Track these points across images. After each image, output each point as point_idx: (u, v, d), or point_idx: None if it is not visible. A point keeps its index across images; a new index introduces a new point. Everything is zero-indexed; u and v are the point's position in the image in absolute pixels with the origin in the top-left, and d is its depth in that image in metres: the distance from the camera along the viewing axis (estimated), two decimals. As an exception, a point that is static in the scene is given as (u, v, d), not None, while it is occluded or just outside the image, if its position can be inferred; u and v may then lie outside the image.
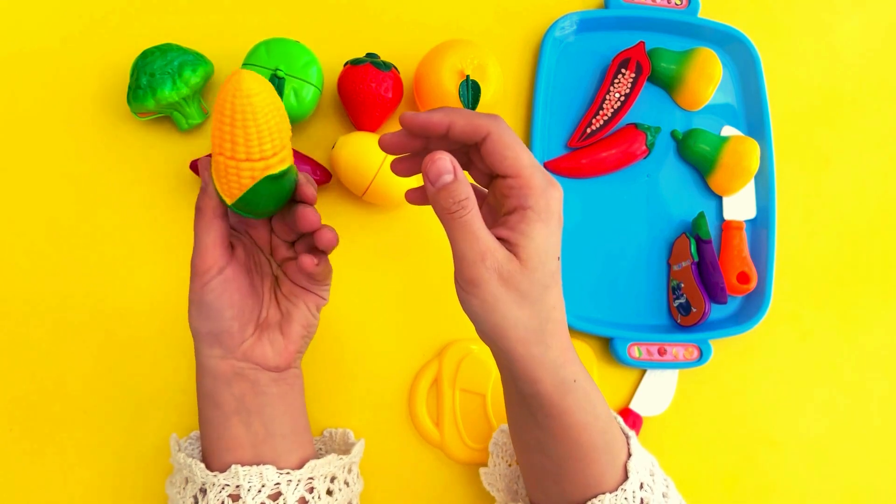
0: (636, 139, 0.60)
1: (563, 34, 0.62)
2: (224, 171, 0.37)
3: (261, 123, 0.36)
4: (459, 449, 0.55)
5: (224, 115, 0.36)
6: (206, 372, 0.41)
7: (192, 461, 0.42)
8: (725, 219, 0.61)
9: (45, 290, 0.55)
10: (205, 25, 0.60)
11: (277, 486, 0.41)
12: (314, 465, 0.42)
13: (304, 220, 0.40)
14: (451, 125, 0.37)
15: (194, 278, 0.40)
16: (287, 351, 0.43)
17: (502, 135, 0.36)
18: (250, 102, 0.35)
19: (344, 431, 0.52)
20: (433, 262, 0.59)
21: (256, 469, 0.40)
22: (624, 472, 0.41)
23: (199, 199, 0.40)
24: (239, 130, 0.36)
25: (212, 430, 0.42)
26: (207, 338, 0.41)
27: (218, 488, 0.40)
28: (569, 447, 0.40)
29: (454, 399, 0.56)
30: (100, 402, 0.54)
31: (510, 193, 0.36)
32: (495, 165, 0.37)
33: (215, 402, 0.41)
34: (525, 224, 0.36)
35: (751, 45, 0.63)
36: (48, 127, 0.58)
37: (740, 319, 0.60)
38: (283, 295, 0.44)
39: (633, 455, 0.42)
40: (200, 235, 0.40)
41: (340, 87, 0.56)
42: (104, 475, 0.53)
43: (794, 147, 0.65)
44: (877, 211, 0.65)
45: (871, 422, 0.61)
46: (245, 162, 0.37)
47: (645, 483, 0.42)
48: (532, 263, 0.36)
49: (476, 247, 0.35)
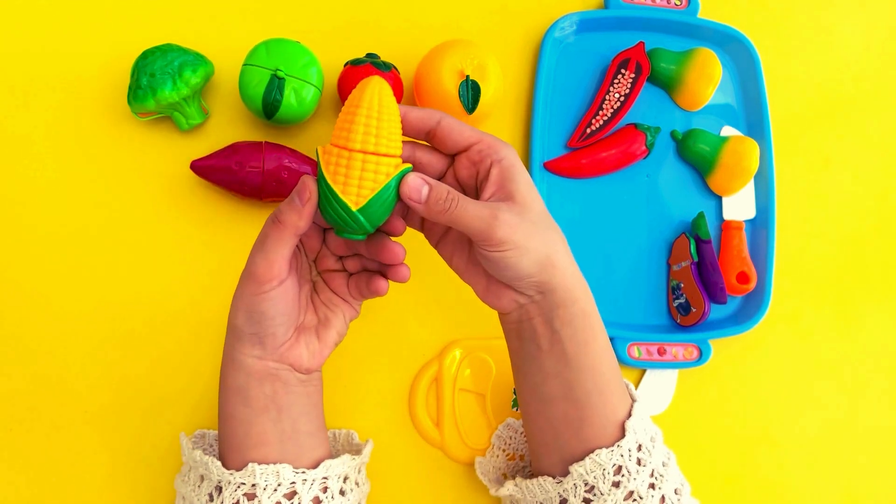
0: (636, 139, 0.60)
1: (563, 34, 0.63)
2: (360, 169, 0.38)
3: (398, 122, 0.40)
4: (459, 449, 0.55)
5: (371, 111, 0.38)
6: (239, 368, 0.41)
7: (209, 459, 0.42)
8: (725, 219, 0.61)
9: (45, 289, 0.55)
10: (205, 26, 0.60)
11: (293, 486, 0.41)
12: (329, 465, 0.43)
13: (391, 254, 0.43)
14: (405, 114, 0.42)
15: (252, 284, 0.40)
16: (321, 354, 0.44)
17: (450, 118, 0.42)
18: (392, 101, 0.39)
19: (348, 432, 0.52)
20: (433, 262, 0.59)
21: (273, 468, 0.41)
22: (622, 430, 0.42)
23: (285, 212, 0.39)
24: (385, 125, 0.39)
25: (238, 426, 0.42)
26: (251, 338, 0.41)
27: (234, 486, 0.41)
28: (596, 379, 0.42)
29: (454, 399, 0.56)
30: (100, 402, 0.54)
31: (480, 157, 0.42)
32: (455, 140, 0.42)
33: (246, 398, 0.42)
34: (505, 173, 0.41)
35: (750, 46, 0.63)
36: (49, 127, 0.58)
37: (740, 319, 0.60)
38: (322, 301, 0.45)
39: (633, 416, 0.43)
40: (273, 247, 0.39)
41: (341, 88, 0.56)
42: (105, 475, 0.53)
43: (794, 147, 0.65)
44: (876, 211, 0.65)
45: (871, 421, 0.61)
46: (385, 157, 0.39)
47: (643, 445, 0.43)
48: (527, 200, 0.41)
49: (483, 216, 0.39)
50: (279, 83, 0.54)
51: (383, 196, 0.39)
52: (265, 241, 0.40)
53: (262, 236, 0.40)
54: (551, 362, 0.43)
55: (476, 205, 0.39)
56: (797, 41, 0.67)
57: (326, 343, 0.44)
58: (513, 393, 0.56)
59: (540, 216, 0.41)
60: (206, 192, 0.58)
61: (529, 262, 0.40)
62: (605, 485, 0.41)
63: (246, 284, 0.40)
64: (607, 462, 0.41)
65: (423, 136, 0.43)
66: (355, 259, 0.46)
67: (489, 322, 0.58)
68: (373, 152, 0.38)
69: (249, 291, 0.40)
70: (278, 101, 0.54)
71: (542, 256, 0.40)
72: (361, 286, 0.45)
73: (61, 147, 0.58)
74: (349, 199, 0.39)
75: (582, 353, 0.42)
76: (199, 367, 0.55)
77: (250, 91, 0.54)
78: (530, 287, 0.41)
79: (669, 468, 0.44)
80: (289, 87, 0.54)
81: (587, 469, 0.41)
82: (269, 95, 0.54)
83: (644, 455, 0.42)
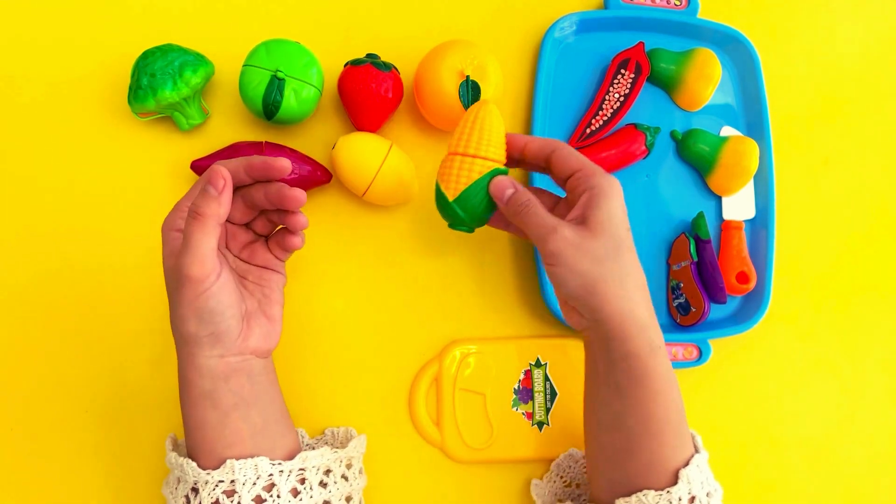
0: (636, 139, 0.60)
1: (563, 34, 0.63)
2: (458, 167, 0.48)
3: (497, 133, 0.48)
4: (459, 449, 0.55)
5: (468, 124, 0.48)
6: (203, 374, 0.41)
7: (184, 460, 0.42)
8: (725, 219, 0.61)
9: (45, 289, 0.55)
10: (205, 26, 0.61)
11: (271, 478, 0.41)
12: (305, 457, 0.43)
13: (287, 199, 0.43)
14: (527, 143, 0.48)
15: (190, 286, 0.39)
16: (275, 332, 0.45)
17: (564, 147, 0.47)
18: (495, 117, 0.48)
19: (346, 430, 0.53)
20: (433, 262, 0.59)
21: (251, 462, 0.41)
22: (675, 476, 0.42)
23: (203, 205, 0.39)
24: (477, 133, 0.48)
25: (208, 430, 0.41)
26: (209, 340, 0.40)
27: (211, 486, 0.40)
28: (645, 418, 0.42)
29: (454, 399, 0.56)
30: (100, 402, 0.54)
31: (578, 183, 0.45)
32: (563, 167, 0.46)
33: (213, 402, 0.41)
34: (590, 199, 0.44)
35: (750, 46, 0.63)
36: (49, 127, 0.58)
37: (739, 319, 0.60)
38: (253, 282, 0.46)
39: (691, 465, 0.43)
40: (200, 241, 0.39)
41: (341, 88, 0.56)
42: (104, 475, 0.53)
43: (794, 147, 0.65)
44: (876, 211, 0.65)
45: (870, 421, 0.61)
46: (479, 159, 0.47)
47: (698, 498, 0.42)
48: (600, 229, 0.43)
49: (545, 225, 0.43)
50: (279, 84, 0.54)
51: (475, 189, 0.47)
52: (190, 240, 0.39)
53: (185, 238, 0.39)
54: (606, 390, 0.44)
55: (545, 215, 0.44)
56: (797, 41, 0.67)
57: (275, 319, 0.45)
58: (513, 393, 0.56)
59: (609, 246, 0.43)
60: (206, 192, 0.58)
61: (575, 283, 0.42)
62: None
63: (184, 290, 0.39)
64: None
65: (543, 163, 0.48)
66: (261, 219, 0.46)
67: (489, 322, 0.58)
68: (469, 154, 0.47)
69: (191, 295, 0.39)
70: (278, 101, 0.54)
71: (588, 281, 0.42)
72: (281, 243, 0.46)
73: (62, 147, 0.58)
74: (448, 192, 0.48)
75: (633, 389, 0.43)
76: (200, 366, 0.55)
77: (250, 91, 0.54)
78: (583, 310, 0.44)
79: None
80: (289, 87, 0.54)
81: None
82: (270, 96, 0.54)
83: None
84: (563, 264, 0.42)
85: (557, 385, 0.57)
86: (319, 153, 0.59)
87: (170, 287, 0.41)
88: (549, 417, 0.56)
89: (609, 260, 0.42)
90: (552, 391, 0.57)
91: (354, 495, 0.47)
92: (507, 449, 0.56)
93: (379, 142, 0.56)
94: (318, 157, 0.58)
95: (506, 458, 0.56)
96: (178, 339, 0.41)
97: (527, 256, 0.60)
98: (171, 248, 0.41)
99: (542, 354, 0.57)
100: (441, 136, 0.61)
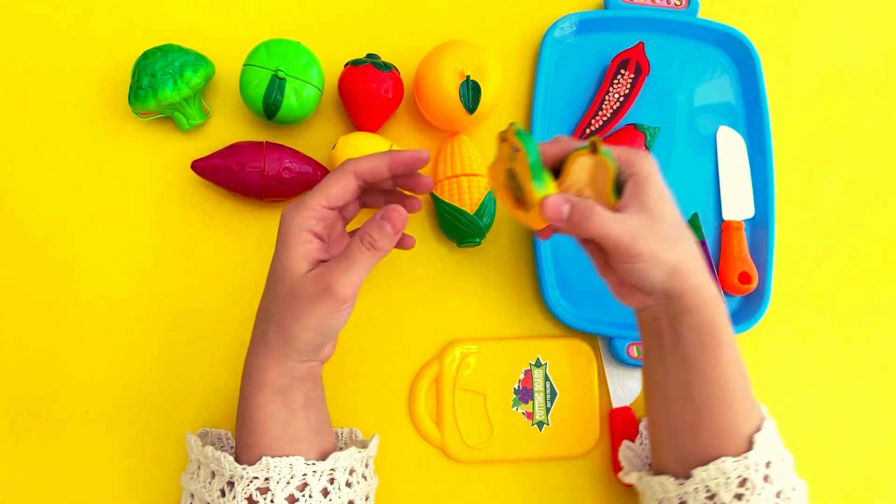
0: (636, 139, 0.60)
1: (563, 35, 0.63)
2: (463, 186, 0.56)
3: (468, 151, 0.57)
4: (459, 448, 0.55)
5: (445, 152, 0.58)
6: (286, 372, 0.42)
7: (222, 454, 0.42)
8: (725, 219, 0.61)
9: (46, 289, 0.55)
10: (206, 26, 0.61)
11: (304, 478, 0.42)
12: (337, 457, 0.44)
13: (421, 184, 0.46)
14: (546, 150, 0.45)
15: (333, 303, 0.40)
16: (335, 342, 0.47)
17: (571, 140, 0.46)
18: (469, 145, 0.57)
19: (351, 430, 0.53)
20: (433, 262, 0.59)
21: (286, 461, 0.41)
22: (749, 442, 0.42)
23: (380, 240, 0.41)
24: (457, 156, 0.57)
25: (275, 426, 0.42)
26: (312, 349, 0.42)
27: (246, 481, 0.41)
28: (715, 387, 0.43)
29: (454, 399, 0.56)
30: (101, 402, 0.54)
31: (620, 173, 0.44)
32: None
33: (287, 399, 0.42)
34: (637, 186, 0.43)
35: (751, 46, 0.63)
36: (50, 127, 0.58)
37: (739, 319, 0.60)
38: None
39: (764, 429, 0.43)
40: (364, 269, 0.41)
41: (341, 88, 0.56)
42: (104, 475, 0.53)
43: (794, 147, 0.65)
44: (876, 210, 0.65)
45: (870, 421, 0.61)
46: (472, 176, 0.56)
47: (774, 462, 0.42)
48: (657, 212, 0.42)
49: (621, 229, 0.41)
50: (280, 83, 0.54)
51: (488, 199, 0.55)
52: (356, 265, 0.40)
53: (350, 259, 0.40)
54: (673, 361, 0.44)
55: (612, 218, 0.42)
56: (797, 41, 0.67)
57: None
58: (513, 392, 0.56)
59: (672, 226, 0.43)
60: (206, 191, 0.58)
61: (659, 272, 0.42)
62: (728, 494, 0.41)
63: (323, 303, 0.40)
64: (732, 472, 0.41)
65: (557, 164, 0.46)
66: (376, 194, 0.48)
67: (489, 322, 0.58)
68: (465, 173, 0.55)
69: (326, 310, 0.40)
70: (279, 101, 0.54)
71: (671, 267, 0.42)
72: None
73: (62, 147, 0.58)
74: (465, 208, 0.55)
75: (704, 359, 0.43)
76: (200, 366, 0.55)
77: (251, 91, 0.54)
78: (658, 292, 0.43)
79: (798, 494, 0.43)
80: (289, 87, 0.54)
81: (710, 475, 0.42)
82: (270, 95, 0.54)
83: (773, 472, 0.42)
84: (647, 259, 0.41)
85: (557, 385, 0.57)
86: (319, 153, 0.59)
87: (298, 291, 0.41)
88: (548, 417, 0.56)
89: (679, 239, 0.43)
90: (552, 391, 0.57)
91: (371, 494, 0.47)
92: (507, 449, 0.56)
93: (379, 142, 0.56)
94: (318, 157, 0.58)
95: (506, 458, 0.56)
96: (279, 339, 0.42)
97: (527, 256, 0.60)
98: (305, 250, 0.41)
99: (542, 354, 0.57)
100: (441, 136, 0.61)
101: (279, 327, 0.41)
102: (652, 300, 0.44)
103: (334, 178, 0.42)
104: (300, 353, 0.42)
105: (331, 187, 0.42)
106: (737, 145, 0.63)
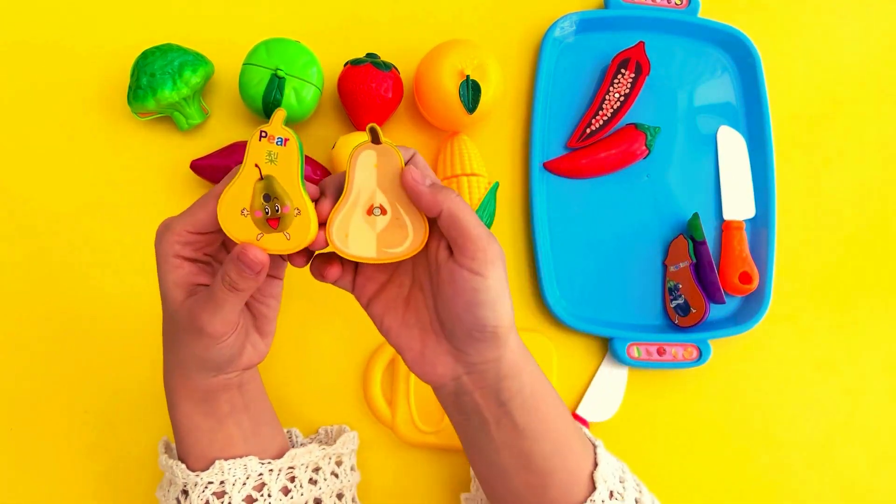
0: (636, 139, 0.60)
1: (563, 34, 0.63)
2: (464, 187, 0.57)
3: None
4: (410, 431, 0.55)
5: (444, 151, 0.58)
6: (195, 388, 0.40)
7: (174, 462, 0.41)
8: (725, 219, 0.61)
9: (45, 289, 0.55)
10: (205, 26, 0.60)
11: (261, 477, 0.41)
12: (294, 455, 0.43)
13: None
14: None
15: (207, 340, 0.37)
16: (265, 345, 0.42)
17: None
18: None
19: (339, 427, 0.53)
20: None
21: (240, 461, 0.41)
22: (591, 482, 0.41)
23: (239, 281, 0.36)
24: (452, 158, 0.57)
25: (202, 436, 0.41)
26: (208, 367, 0.39)
27: (200, 487, 0.40)
28: (554, 444, 0.40)
29: (409, 380, 0.56)
30: (100, 402, 0.54)
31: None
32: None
33: (210, 408, 0.41)
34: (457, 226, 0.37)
35: (751, 45, 0.63)
36: (49, 127, 0.58)
37: (740, 319, 0.60)
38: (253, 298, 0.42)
39: (600, 464, 0.42)
40: (232, 308, 0.37)
41: (341, 87, 0.56)
42: (104, 476, 0.53)
43: (794, 147, 0.65)
44: (876, 211, 0.65)
45: (870, 421, 0.61)
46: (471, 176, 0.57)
47: (615, 492, 0.41)
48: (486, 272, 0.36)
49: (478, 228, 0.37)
50: (279, 83, 0.54)
51: (487, 199, 0.56)
52: (222, 305, 0.36)
53: (214, 300, 0.36)
54: (502, 435, 0.39)
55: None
56: (797, 41, 0.67)
57: (268, 334, 0.42)
58: None
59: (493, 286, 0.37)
60: (206, 191, 0.58)
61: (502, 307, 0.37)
62: None
63: (198, 340, 0.37)
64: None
65: None
66: None
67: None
68: (465, 173, 0.56)
69: (203, 346, 0.37)
70: (279, 99, 0.54)
71: (507, 310, 0.37)
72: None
73: (61, 147, 0.58)
74: None
75: (534, 420, 0.39)
76: (199, 366, 0.55)
77: (250, 90, 0.54)
78: (479, 345, 0.37)
79: (644, 497, 0.43)
80: (289, 86, 0.54)
81: None
82: (270, 95, 0.54)
83: (617, 501, 0.41)
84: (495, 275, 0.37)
85: (557, 385, 0.57)
86: (319, 153, 0.59)
87: (177, 320, 0.38)
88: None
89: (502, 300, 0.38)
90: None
91: (346, 492, 0.47)
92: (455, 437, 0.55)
93: (379, 141, 0.56)
94: (317, 157, 0.58)
95: (457, 447, 0.55)
96: (175, 361, 0.40)
97: (527, 256, 0.60)
98: (175, 276, 0.38)
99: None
100: (441, 136, 0.60)
101: (173, 349, 0.40)
102: (461, 367, 0.38)
103: (203, 204, 0.37)
104: (201, 374, 0.39)
105: (197, 213, 0.37)
106: (737, 145, 0.63)
